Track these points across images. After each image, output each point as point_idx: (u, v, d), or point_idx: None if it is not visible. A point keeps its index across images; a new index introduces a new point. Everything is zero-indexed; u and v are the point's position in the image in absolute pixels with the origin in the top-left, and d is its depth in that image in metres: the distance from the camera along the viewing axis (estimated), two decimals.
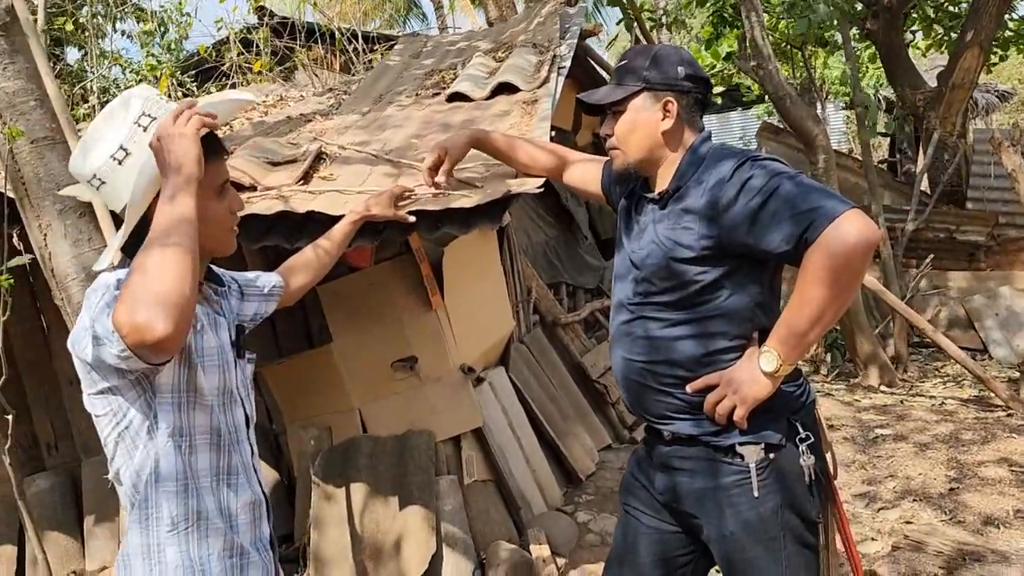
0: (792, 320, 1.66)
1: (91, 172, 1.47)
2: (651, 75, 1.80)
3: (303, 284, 2.03)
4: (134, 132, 1.46)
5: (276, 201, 2.65)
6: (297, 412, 3.79)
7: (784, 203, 1.62)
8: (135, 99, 1.49)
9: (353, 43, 7.27)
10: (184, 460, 1.47)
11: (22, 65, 2.52)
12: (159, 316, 1.23)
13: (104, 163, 1.46)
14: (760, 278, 1.77)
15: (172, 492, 1.46)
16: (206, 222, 1.50)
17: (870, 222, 1.60)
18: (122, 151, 1.45)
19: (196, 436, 1.48)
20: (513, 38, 4.88)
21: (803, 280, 1.62)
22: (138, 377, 1.41)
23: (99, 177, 1.47)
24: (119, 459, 1.47)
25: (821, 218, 1.58)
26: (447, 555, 3.35)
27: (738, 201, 1.66)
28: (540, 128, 2.94)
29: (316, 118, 3.98)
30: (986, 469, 4.20)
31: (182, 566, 1.45)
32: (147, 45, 7.35)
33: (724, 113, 15.36)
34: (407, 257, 3.56)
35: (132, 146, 1.45)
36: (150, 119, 1.46)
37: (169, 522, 1.46)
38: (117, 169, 1.46)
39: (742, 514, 1.75)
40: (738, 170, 1.69)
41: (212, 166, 1.51)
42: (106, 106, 1.52)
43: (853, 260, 1.57)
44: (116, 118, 1.47)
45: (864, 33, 8.65)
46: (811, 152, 6.28)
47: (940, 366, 6.93)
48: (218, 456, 1.52)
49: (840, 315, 1.70)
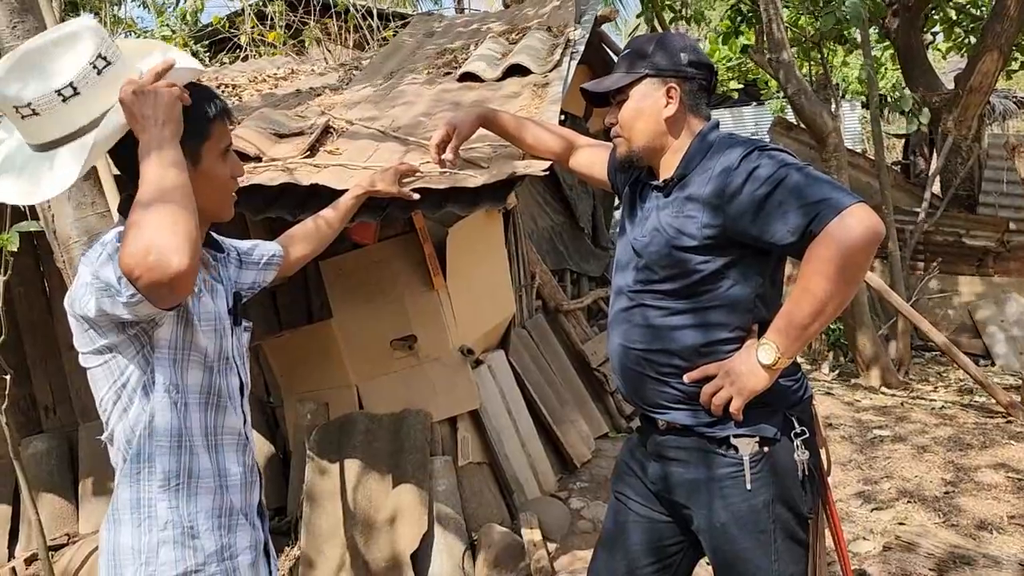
0: (793, 312, 1.64)
1: (25, 100, 1.39)
2: (653, 61, 1.79)
3: (303, 255, 2.02)
4: (87, 73, 1.39)
5: (281, 173, 2.64)
6: (295, 386, 3.80)
7: (791, 194, 1.60)
8: (88, 36, 1.42)
9: (368, 20, 7.23)
10: (179, 417, 1.46)
11: (32, 24, 2.51)
12: (172, 250, 1.22)
13: (45, 95, 1.39)
14: (762, 269, 1.75)
15: (166, 448, 1.46)
16: (209, 183, 1.50)
17: (876, 216, 1.58)
18: (70, 88, 1.39)
19: (190, 394, 1.48)
20: (527, 20, 4.84)
21: (806, 272, 1.60)
22: (137, 332, 1.40)
23: (33, 107, 1.39)
24: (114, 417, 1.47)
25: (827, 210, 1.56)
26: (438, 535, 3.36)
27: (744, 190, 1.64)
28: (550, 111, 2.92)
29: (326, 92, 3.96)
30: (983, 474, 4.19)
31: (171, 522, 1.46)
32: (162, 14, 7.33)
33: (738, 108, 15.26)
34: (411, 236, 3.55)
35: (83, 87, 1.39)
36: (105, 63, 1.41)
37: (162, 477, 1.46)
38: (58, 106, 1.39)
39: (733, 506, 1.74)
40: (745, 159, 1.67)
41: (218, 128, 1.50)
42: (49, 31, 1.45)
43: (857, 254, 1.56)
44: (67, 51, 1.40)
45: (883, 32, 8.57)
46: (823, 149, 6.23)
47: (942, 370, 6.90)
48: (212, 416, 1.52)
49: (841, 309, 1.68)
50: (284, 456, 3.91)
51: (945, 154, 7.79)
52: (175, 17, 7.39)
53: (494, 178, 2.39)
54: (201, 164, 1.48)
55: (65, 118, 1.41)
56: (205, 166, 1.49)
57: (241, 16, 7.19)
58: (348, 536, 3.35)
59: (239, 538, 1.55)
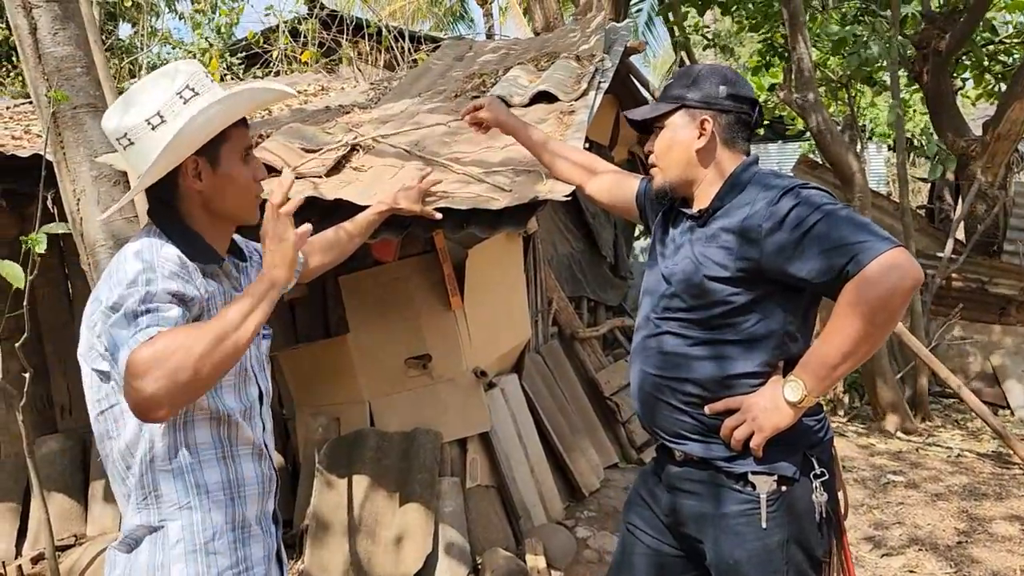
0: (823, 351, 1.63)
1: (123, 131, 1.48)
2: (689, 93, 1.79)
3: (322, 264, 2.04)
4: (174, 102, 1.47)
5: (306, 186, 2.67)
6: (308, 399, 3.81)
7: (830, 233, 1.59)
8: (181, 71, 1.50)
9: (400, 42, 7.33)
10: (182, 436, 1.46)
11: (72, 32, 2.57)
12: (166, 402, 1.24)
13: (137, 125, 1.47)
14: (793, 307, 1.73)
15: (169, 473, 1.46)
16: (231, 185, 1.53)
17: (915, 262, 1.57)
18: (158, 117, 1.46)
19: (195, 413, 1.47)
20: (557, 49, 4.88)
21: (840, 312, 1.59)
22: None
23: (129, 137, 1.48)
24: (101, 426, 1.50)
25: (866, 252, 1.55)
26: (442, 556, 3.35)
27: (782, 227, 1.63)
28: (574, 139, 2.94)
29: (354, 110, 4.01)
30: (997, 525, 4.12)
31: (183, 540, 1.45)
32: (199, 26, 7.47)
33: (764, 144, 15.26)
34: (431, 255, 3.57)
35: (169, 114, 1.46)
36: (192, 93, 1.47)
37: (169, 501, 1.46)
38: (149, 134, 1.46)
39: (747, 544, 1.72)
40: (785, 196, 1.66)
41: (236, 130, 1.53)
42: (152, 71, 1.54)
43: (894, 298, 1.54)
44: (159, 85, 1.48)
45: (913, 76, 8.56)
46: (848, 189, 6.21)
47: (960, 418, 6.81)
48: (226, 430, 1.52)
49: (872, 353, 1.66)
50: (294, 468, 3.92)
51: (970, 200, 7.74)
52: (211, 30, 7.52)
53: (516, 201, 2.40)
54: (220, 166, 1.51)
55: (155, 146, 1.46)
56: (225, 168, 1.52)
57: (275, 32, 7.31)
58: (352, 552, 3.34)
59: (253, 550, 1.54)
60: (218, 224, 1.57)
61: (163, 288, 1.34)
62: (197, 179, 1.50)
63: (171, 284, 1.36)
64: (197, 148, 1.47)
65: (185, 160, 1.48)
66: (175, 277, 1.38)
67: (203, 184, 1.51)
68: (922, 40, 7.91)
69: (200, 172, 1.50)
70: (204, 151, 1.49)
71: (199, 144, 1.47)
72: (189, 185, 1.50)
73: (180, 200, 1.52)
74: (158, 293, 1.33)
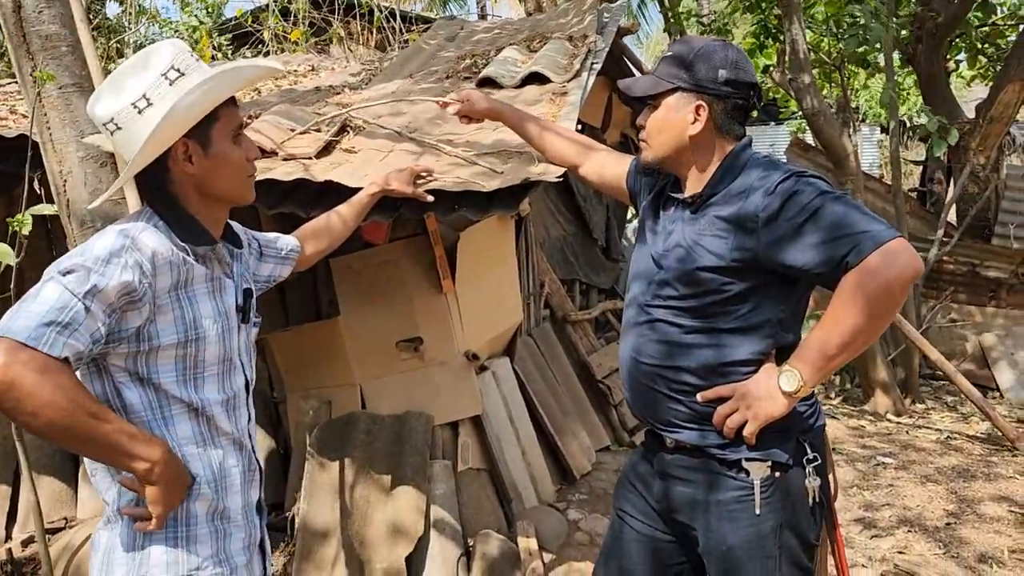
0: (821, 342, 1.61)
1: (109, 116, 1.45)
2: (689, 75, 1.73)
3: (318, 250, 2.03)
4: (159, 83, 1.44)
5: (296, 168, 2.64)
6: (299, 382, 3.80)
7: (829, 223, 1.57)
8: (165, 50, 1.47)
9: (391, 22, 7.26)
10: (163, 435, 1.45)
11: (58, 11, 2.53)
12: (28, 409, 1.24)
13: (123, 109, 1.44)
14: (787, 296, 1.72)
15: None
16: (224, 165, 1.50)
17: (915, 253, 1.55)
18: (144, 100, 1.43)
19: (172, 407, 1.46)
20: (549, 29, 4.84)
21: (839, 303, 1.57)
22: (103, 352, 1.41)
23: (116, 122, 1.45)
24: None
25: (867, 242, 1.53)
26: (434, 539, 3.35)
27: (780, 216, 1.61)
28: (567, 120, 2.91)
29: (345, 91, 3.97)
30: (986, 506, 4.15)
31: (164, 528, 1.44)
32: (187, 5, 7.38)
33: (756, 126, 15.23)
34: (422, 238, 3.55)
35: (155, 97, 1.43)
36: (178, 73, 1.44)
37: None
38: (136, 118, 1.43)
39: (741, 530, 1.72)
40: (782, 184, 1.63)
41: (226, 110, 1.51)
42: (136, 53, 1.51)
43: (894, 289, 1.53)
44: (143, 67, 1.45)
45: (906, 58, 8.54)
46: (840, 172, 6.20)
47: (951, 400, 6.85)
48: (205, 422, 1.50)
49: (870, 343, 1.64)
50: (285, 452, 3.91)
51: (962, 183, 7.75)
52: (200, 9, 7.43)
53: (508, 183, 2.39)
54: (212, 147, 1.49)
55: (142, 129, 1.43)
56: (217, 149, 1.49)
57: (265, 11, 7.23)
58: (344, 535, 3.34)
59: (234, 540, 1.54)
60: (212, 206, 1.54)
61: (117, 282, 1.32)
62: (188, 163, 1.48)
63: (127, 275, 1.34)
64: (186, 131, 1.44)
65: (175, 144, 1.45)
66: (136, 268, 1.36)
67: (195, 167, 1.48)
68: (916, 21, 7.88)
69: (191, 155, 1.47)
70: (194, 133, 1.46)
71: (188, 126, 1.44)
72: (181, 169, 1.48)
73: (172, 184, 1.49)
74: (104, 291, 1.31)
